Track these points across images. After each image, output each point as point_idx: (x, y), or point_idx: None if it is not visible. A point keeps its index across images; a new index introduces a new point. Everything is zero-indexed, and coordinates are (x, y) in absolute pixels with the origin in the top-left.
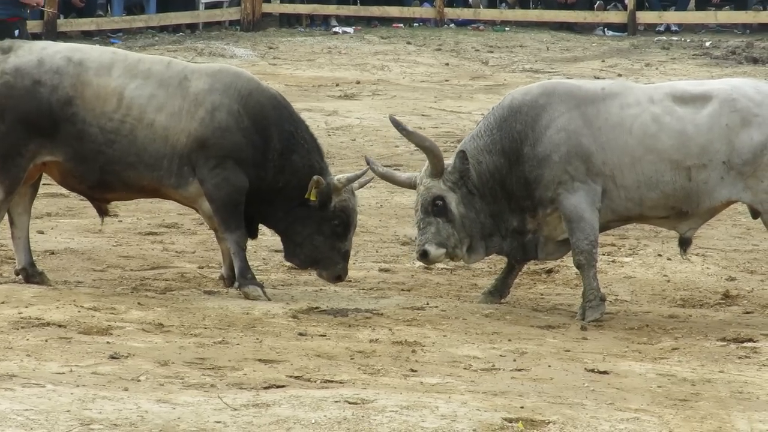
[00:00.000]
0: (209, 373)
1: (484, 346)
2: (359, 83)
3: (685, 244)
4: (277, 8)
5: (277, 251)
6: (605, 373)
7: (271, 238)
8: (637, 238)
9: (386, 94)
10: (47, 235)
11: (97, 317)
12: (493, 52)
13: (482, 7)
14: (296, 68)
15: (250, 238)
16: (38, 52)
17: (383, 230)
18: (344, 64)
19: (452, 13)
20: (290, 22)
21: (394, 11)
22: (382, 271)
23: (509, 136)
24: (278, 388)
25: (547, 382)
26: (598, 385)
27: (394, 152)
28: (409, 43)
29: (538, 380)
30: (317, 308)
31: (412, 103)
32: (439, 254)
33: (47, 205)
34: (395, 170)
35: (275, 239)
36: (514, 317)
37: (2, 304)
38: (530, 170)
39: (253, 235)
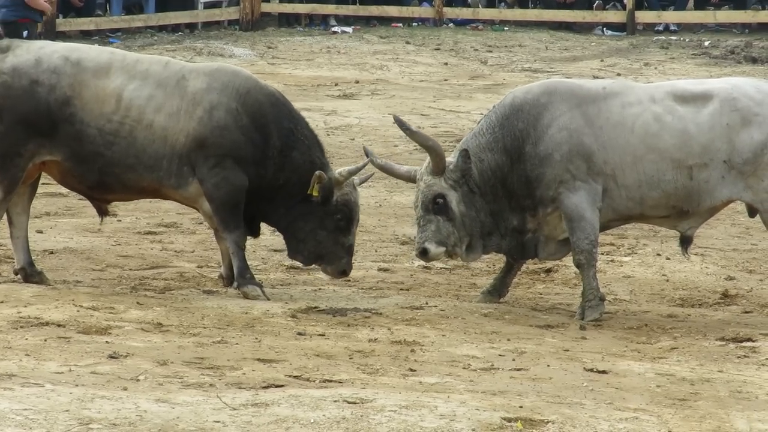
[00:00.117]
0: (208, 372)
1: (483, 345)
2: (358, 83)
3: (685, 243)
4: (276, 8)
5: (276, 251)
6: (604, 372)
7: (270, 237)
8: (636, 237)
9: (385, 93)
10: (46, 234)
11: (96, 317)
12: (492, 51)
13: (481, 6)
14: (295, 68)
15: (252, 236)
16: (36, 51)
17: (382, 230)
18: (343, 63)
19: (451, 12)
20: (289, 21)
21: (393, 11)
22: (381, 270)
23: (511, 134)
24: (277, 387)
25: (546, 381)
26: (597, 384)
27: (393, 151)
28: (408, 42)
29: (537, 380)
30: (316, 308)
31: (411, 102)
32: (438, 252)
33: (46, 204)
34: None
35: (274, 239)
36: (513, 317)
37: (1, 303)
38: (532, 169)
39: (255, 233)
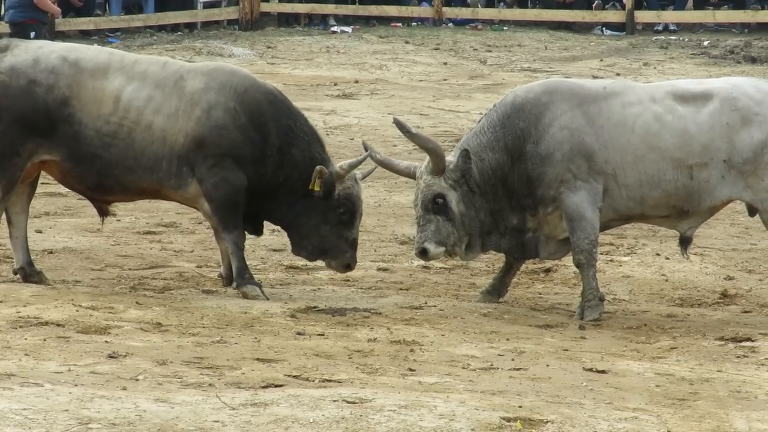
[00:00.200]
0: (207, 372)
1: (482, 345)
2: (357, 82)
3: (685, 242)
4: (275, 7)
5: (275, 250)
6: (603, 372)
7: (269, 237)
8: (635, 237)
9: (384, 93)
10: (45, 234)
11: (95, 316)
12: (491, 51)
13: (480, 6)
14: (294, 67)
15: (255, 235)
16: (34, 51)
17: (381, 229)
18: (342, 63)
19: (450, 12)
20: (288, 21)
21: (392, 10)
22: (380, 270)
23: (512, 133)
24: (276, 387)
25: (545, 381)
26: (596, 384)
27: (392, 151)
28: (407, 42)
29: (536, 379)
30: (315, 307)
31: (410, 102)
32: (438, 252)
33: (45, 204)
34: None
35: (273, 238)
36: (512, 316)
37: (0, 303)
38: (533, 168)
39: (258, 232)
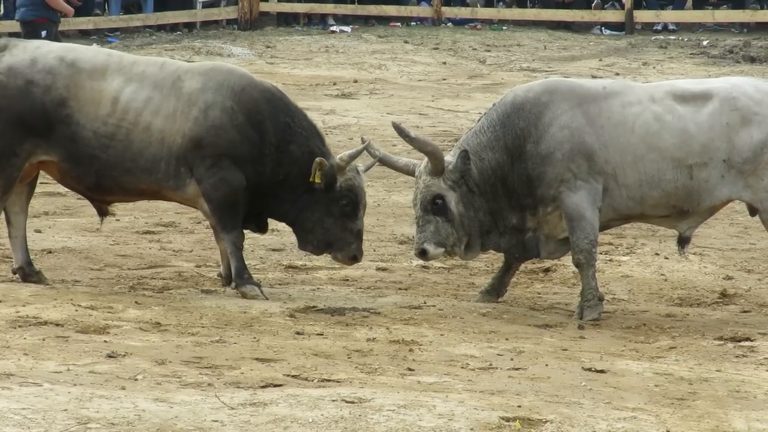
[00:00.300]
0: (206, 372)
1: (481, 345)
2: (357, 82)
3: (684, 242)
4: (274, 7)
5: (274, 250)
6: (602, 372)
7: (268, 237)
8: (634, 237)
9: (384, 93)
10: (44, 233)
11: (94, 316)
12: (490, 51)
13: (479, 6)
14: (294, 67)
15: (260, 233)
16: (32, 51)
17: (381, 229)
18: (342, 63)
19: (449, 12)
20: (287, 21)
21: (391, 10)
22: (379, 270)
23: (512, 132)
24: (275, 387)
25: (544, 381)
26: (595, 384)
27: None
28: (406, 42)
29: (535, 379)
30: (314, 307)
31: (409, 102)
32: (437, 253)
33: (44, 203)
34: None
35: (272, 238)
36: (511, 316)
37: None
38: (533, 167)
39: (262, 229)
